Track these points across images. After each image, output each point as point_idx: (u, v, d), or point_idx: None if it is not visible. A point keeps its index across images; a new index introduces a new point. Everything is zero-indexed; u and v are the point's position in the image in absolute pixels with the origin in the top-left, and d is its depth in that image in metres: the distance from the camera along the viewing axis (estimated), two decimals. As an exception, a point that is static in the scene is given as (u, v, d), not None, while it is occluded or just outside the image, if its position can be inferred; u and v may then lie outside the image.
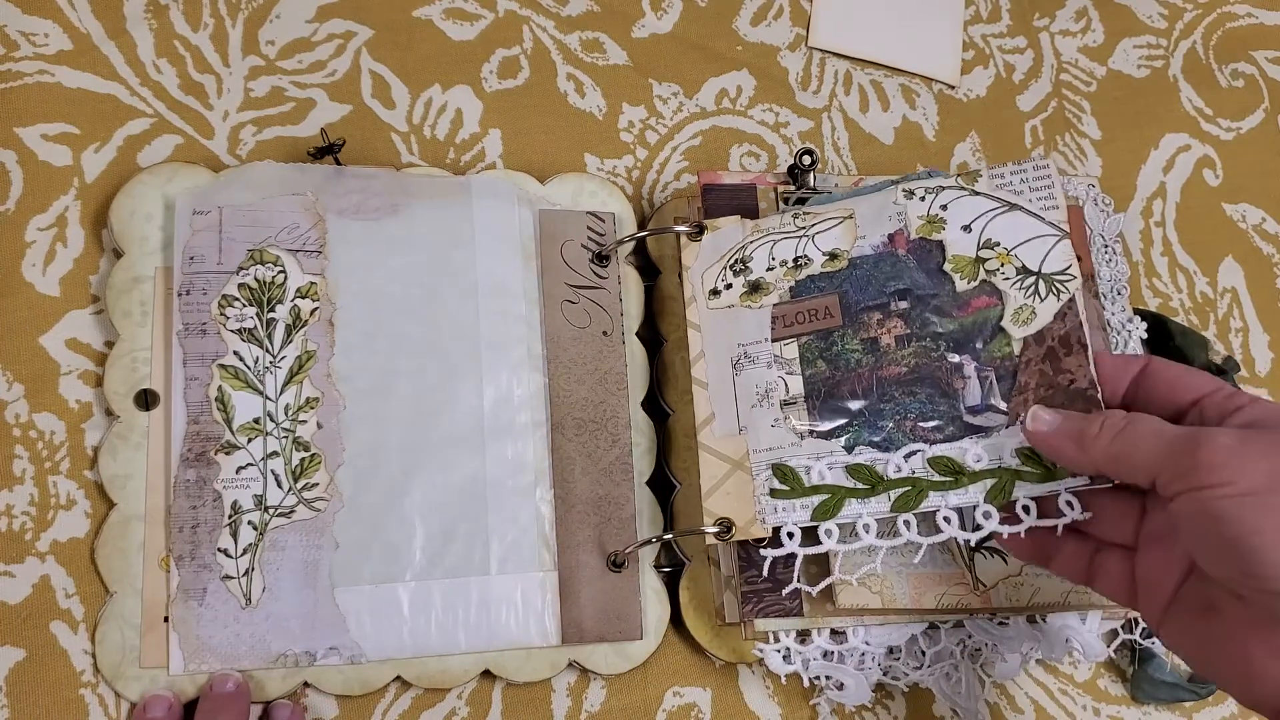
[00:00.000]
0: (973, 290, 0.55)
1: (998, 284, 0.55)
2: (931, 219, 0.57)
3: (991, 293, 0.55)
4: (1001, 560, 0.57)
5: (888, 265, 0.56)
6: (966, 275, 0.55)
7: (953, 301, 0.55)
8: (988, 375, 0.54)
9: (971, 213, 0.56)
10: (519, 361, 0.59)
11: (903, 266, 0.56)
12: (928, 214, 0.57)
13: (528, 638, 0.56)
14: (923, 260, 0.56)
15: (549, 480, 0.58)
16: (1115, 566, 0.50)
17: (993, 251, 0.56)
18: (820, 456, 0.54)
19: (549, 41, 0.68)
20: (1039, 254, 0.55)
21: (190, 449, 0.54)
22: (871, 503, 0.53)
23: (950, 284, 0.56)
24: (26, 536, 0.54)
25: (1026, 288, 0.55)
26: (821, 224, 0.58)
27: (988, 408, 0.53)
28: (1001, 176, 0.57)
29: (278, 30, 0.64)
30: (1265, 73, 0.80)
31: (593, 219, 0.62)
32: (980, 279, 0.55)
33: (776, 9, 0.73)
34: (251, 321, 0.56)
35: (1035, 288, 0.54)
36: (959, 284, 0.55)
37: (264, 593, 0.54)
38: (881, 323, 0.56)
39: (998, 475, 0.52)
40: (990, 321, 0.55)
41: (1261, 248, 0.76)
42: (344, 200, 0.59)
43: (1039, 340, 0.54)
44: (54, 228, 0.58)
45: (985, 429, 0.53)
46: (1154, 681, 0.63)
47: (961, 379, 0.54)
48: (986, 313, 0.55)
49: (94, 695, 0.53)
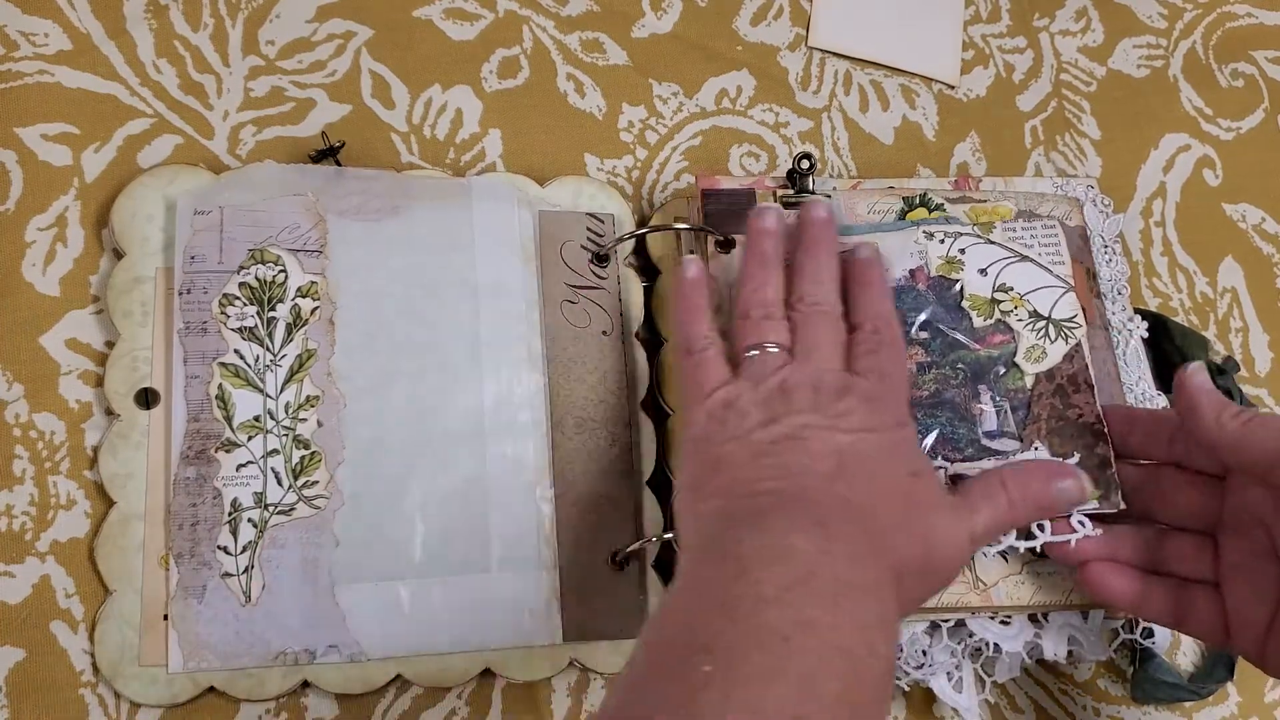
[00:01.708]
0: (989, 327, 0.58)
1: (1011, 324, 0.58)
2: (950, 260, 0.59)
3: (1005, 330, 0.58)
4: (1002, 559, 0.57)
5: (910, 298, 0.59)
6: (983, 313, 0.58)
7: (970, 335, 0.58)
8: (1003, 405, 0.57)
9: (986, 259, 0.60)
10: (519, 361, 0.59)
11: (924, 300, 0.59)
12: (946, 255, 0.60)
13: (528, 636, 0.56)
14: (942, 296, 0.59)
15: (549, 479, 0.58)
16: (1203, 603, 0.50)
17: (1007, 295, 0.59)
18: None
19: (549, 41, 0.68)
20: (1048, 301, 0.59)
21: (190, 447, 0.54)
22: None
23: (968, 319, 0.58)
24: (26, 536, 0.54)
25: (1038, 330, 0.58)
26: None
27: (1003, 434, 0.56)
28: (1013, 231, 0.61)
29: (278, 30, 0.64)
30: (1265, 73, 0.80)
31: (592, 220, 0.62)
32: (995, 318, 0.58)
33: (776, 9, 0.73)
34: (252, 320, 0.56)
35: (1046, 330, 0.58)
36: (976, 320, 0.58)
37: (264, 590, 0.54)
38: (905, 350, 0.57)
39: None
40: (1005, 356, 0.58)
41: (1261, 248, 0.76)
42: (345, 201, 0.59)
43: (1050, 377, 0.57)
44: (54, 228, 0.58)
45: (1002, 453, 0.56)
46: (1154, 681, 0.63)
47: (979, 406, 0.57)
48: (1002, 348, 0.58)
49: (94, 695, 0.53)
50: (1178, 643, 0.65)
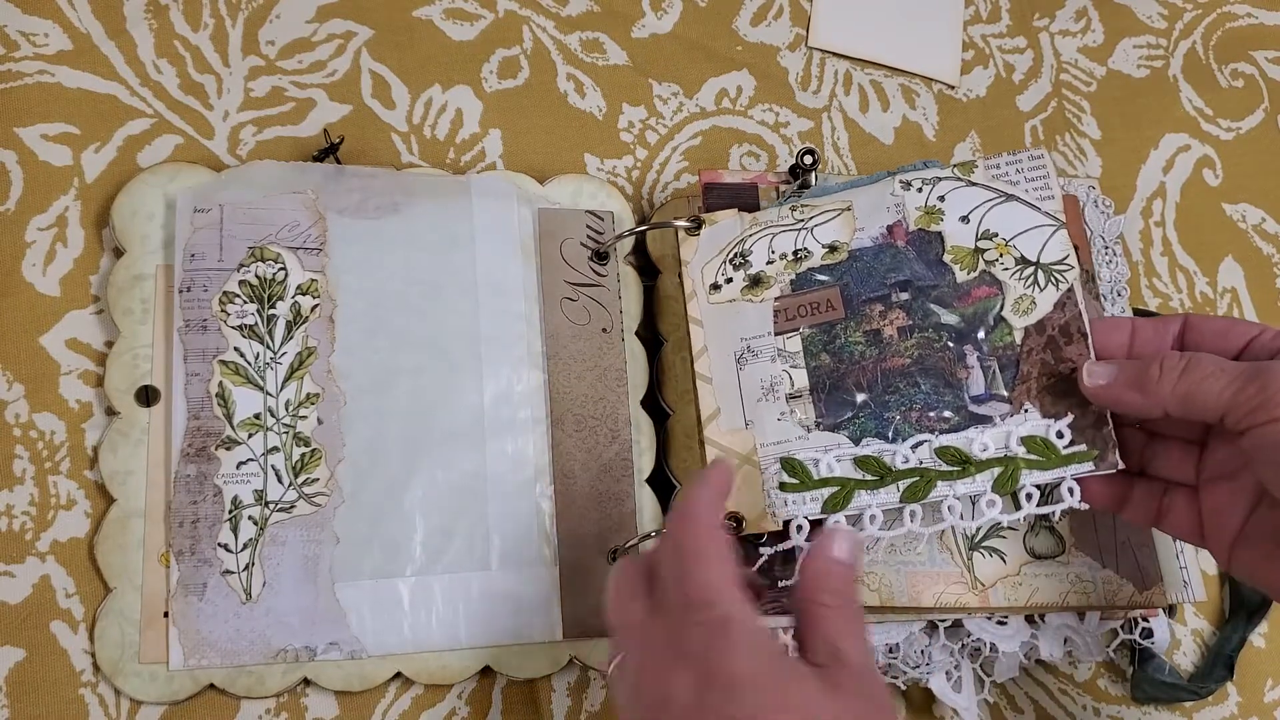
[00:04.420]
0: (973, 280, 0.56)
1: (997, 274, 0.55)
2: (929, 210, 0.57)
3: (991, 283, 0.55)
4: (1000, 559, 0.57)
5: (887, 257, 0.57)
6: (966, 266, 0.56)
7: (953, 292, 0.56)
8: (990, 365, 0.54)
9: (969, 204, 0.57)
10: (519, 358, 0.59)
11: (902, 258, 0.56)
12: (925, 205, 0.57)
13: (529, 633, 0.56)
14: (922, 251, 0.56)
15: (549, 476, 0.58)
16: (1182, 506, 0.52)
17: (991, 242, 0.56)
18: (828, 449, 0.54)
19: (549, 41, 0.68)
20: (1037, 244, 0.56)
21: (191, 444, 0.54)
22: (880, 494, 0.53)
23: (950, 275, 0.56)
24: (26, 536, 0.54)
25: (1026, 278, 0.55)
26: (820, 216, 0.58)
27: (991, 397, 0.54)
28: (997, 167, 0.57)
29: (278, 30, 0.64)
30: (1265, 73, 0.80)
31: (592, 217, 0.63)
32: (980, 269, 0.56)
33: (776, 9, 0.74)
34: (252, 318, 0.56)
35: (1034, 278, 0.55)
36: (959, 275, 0.56)
37: (264, 588, 0.54)
38: (884, 314, 0.56)
39: (1004, 464, 0.53)
40: (991, 311, 0.55)
41: (1261, 248, 0.76)
42: (344, 199, 0.59)
43: (1040, 330, 0.54)
44: (54, 228, 0.58)
45: (990, 418, 0.53)
46: (1154, 681, 0.63)
47: (965, 369, 0.54)
48: (987, 303, 0.55)
49: (94, 695, 0.53)
50: (1178, 643, 0.65)
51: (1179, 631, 0.65)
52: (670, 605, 0.45)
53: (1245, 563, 0.49)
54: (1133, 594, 0.57)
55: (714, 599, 0.44)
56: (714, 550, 0.45)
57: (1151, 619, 0.61)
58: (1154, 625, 0.61)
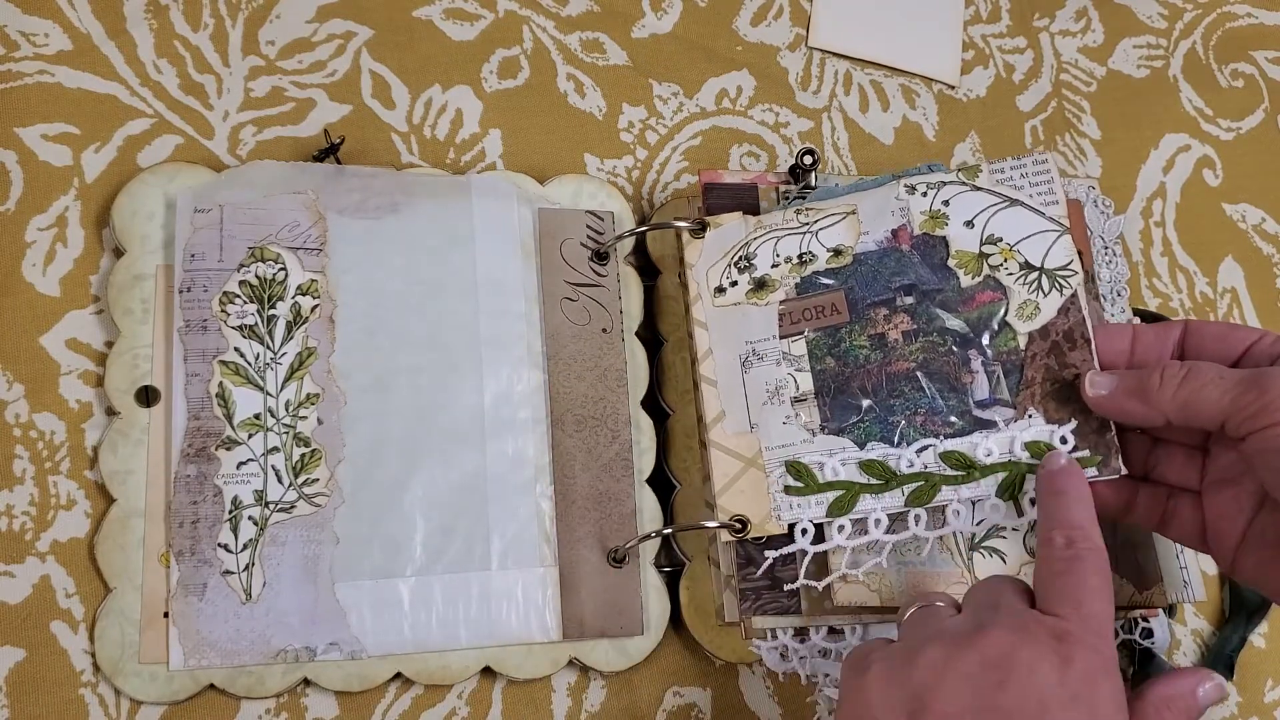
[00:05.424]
0: (977, 285, 0.56)
1: (1001, 279, 0.56)
2: (934, 214, 0.57)
3: (995, 288, 0.56)
4: (1000, 560, 0.57)
5: (892, 261, 0.57)
6: (970, 271, 0.56)
7: (958, 297, 0.56)
8: (995, 370, 0.55)
9: (973, 208, 0.57)
10: (519, 358, 0.59)
11: (907, 262, 0.57)
12: (930, 209, 0.57)
13: (529, 633, 0.56)
14: (927, 256, 0.57)
15: (549, 476, 0.58)
16: (1185, 511, 0.52)
17: (995, 247, 0.56)
18: (833, 453, 0.54)
19: (549, 41, 0.68)
20: (1041, 249, 0.56)
21: (191, 444, 0.54)
22: (885, 498, 0.54)
23: (955, 279, 0.56)
24: (26, 536, 0.54)
25: (1030, 283, 0.55)
26: (825, 220, 0.58)
27: (996, 402, 0.54)
28: (1001, 171, 0.58)
29: (278, 30, 0.64)
30: (1265, 73, 0.80)
31: (592, 217, 0.63)
32: (984, 274, 0.56)
33: (776, 9, 0.74)
34: (252, 318, 0.56)
35: (1038, 283, 0.55)
36: (963, 279, 0.56)
37: (264, 588, 0.54)
38: (888, 318, 0.56)
39: (1008, 468, 0.53)
40: (995, 316, 0.55)
41: (1261, 248, 0.76)
42: (344, 199, 0.59)
43: (1044, 335, 0.55)
44: (54, 228, 0.58)
45: (994, 423, 0.54)
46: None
47: (969, 373, 0.55)
48: (991, 307, 0.55)
49: (94, 695, 0.53)
50: (1178, 643, 0.65)
51: (1179, 631, 0.65)
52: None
53: (1248, 567, 0.49)
54: (1133, 594, 0.57)
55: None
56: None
57: (1151, 619, 0.61)
58: (1154, 625, 0.61)
